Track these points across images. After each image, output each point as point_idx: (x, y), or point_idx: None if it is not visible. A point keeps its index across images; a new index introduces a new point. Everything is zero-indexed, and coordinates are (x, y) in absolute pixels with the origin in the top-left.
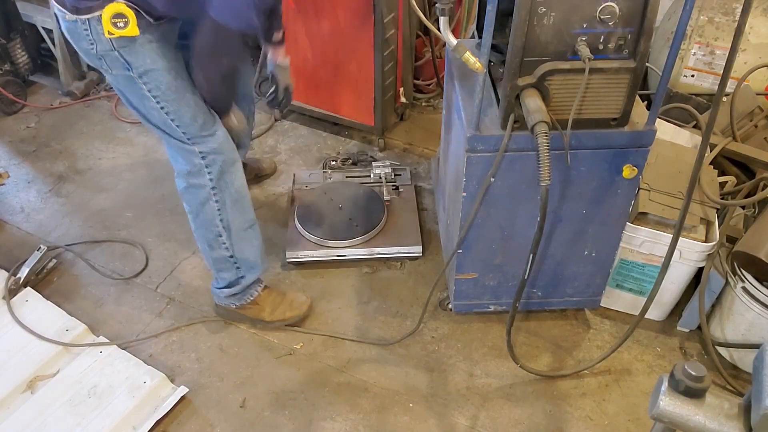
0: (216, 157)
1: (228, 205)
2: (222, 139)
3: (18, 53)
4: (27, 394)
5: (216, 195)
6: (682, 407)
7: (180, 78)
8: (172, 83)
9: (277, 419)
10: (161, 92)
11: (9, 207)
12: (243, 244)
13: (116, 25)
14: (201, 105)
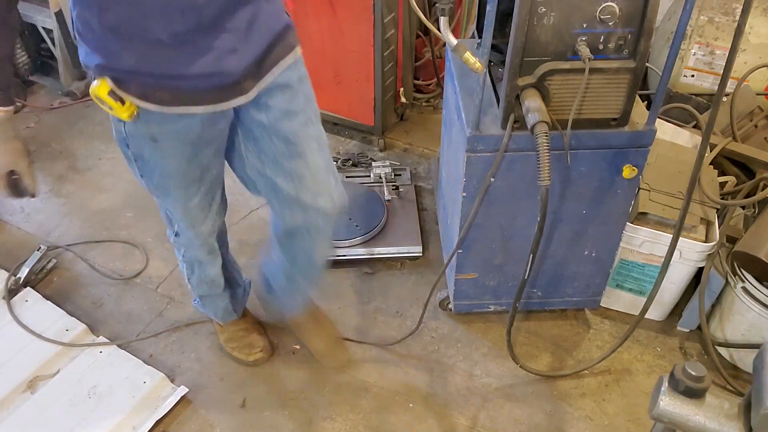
0: (187, 251)
1: (194, 282)
2: (196, 245)
3: (18, 53)
4: (27, 394)
5: (186, 270)
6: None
7: (183, 182)
8: (168, 184)
9: (277, 419)
10: (152, 183)
11: (9, 207)
12: (206, 301)
13: (102, 104)
14: (193, 209)
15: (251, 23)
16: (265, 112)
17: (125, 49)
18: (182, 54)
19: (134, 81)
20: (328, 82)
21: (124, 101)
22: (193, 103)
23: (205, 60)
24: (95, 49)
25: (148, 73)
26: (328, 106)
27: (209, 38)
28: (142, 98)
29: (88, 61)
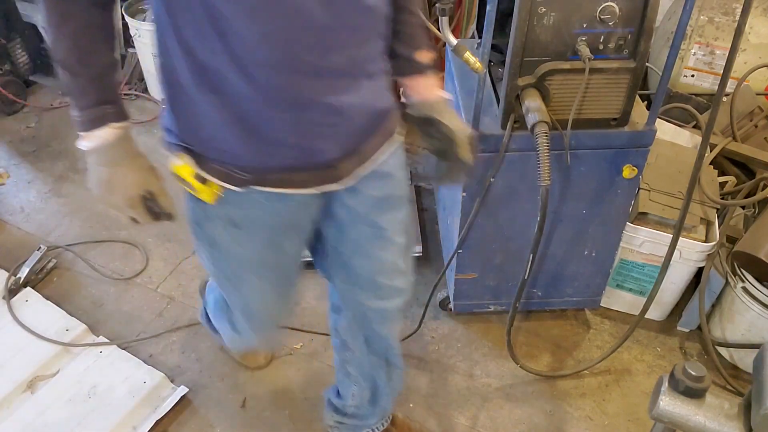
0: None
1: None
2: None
3: (18, 53)
4: (27, 394)
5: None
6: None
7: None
8: (242, 275)
9: (277, 419)
10: (224, 274)
11: (9, 207)
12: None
13: (181, 184)
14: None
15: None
16: (358, 199)
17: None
18: (277, 127)
19: (215, 158)
20: None
21: (206, 181)
22: (281, 185)
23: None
24: (173, 106)
25: (230, 149)
26: None
27: (307, 112)
28: (226, 179)
29: (167, 124)
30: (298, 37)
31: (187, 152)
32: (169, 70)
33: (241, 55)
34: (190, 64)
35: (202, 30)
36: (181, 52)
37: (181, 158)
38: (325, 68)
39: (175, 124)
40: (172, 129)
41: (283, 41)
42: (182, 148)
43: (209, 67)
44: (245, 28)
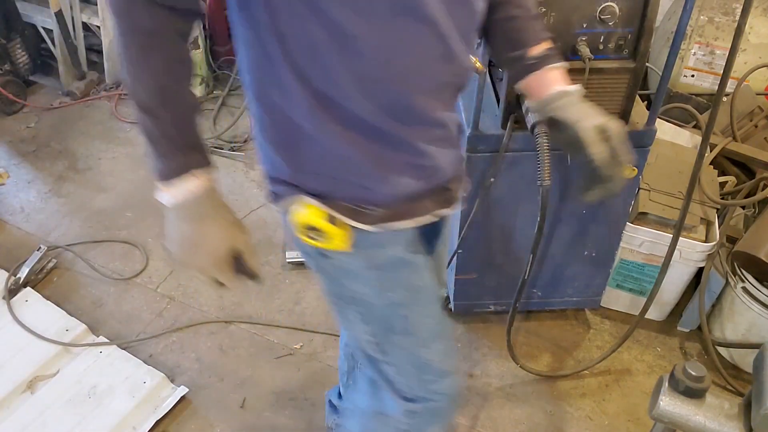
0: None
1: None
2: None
3: (18, 53)
4: (27, 395)
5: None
6: (682, 407)
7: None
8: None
9: (277, 419)
10: (381, 328)
11: (9, 207)
12: None
13: (309, 236)
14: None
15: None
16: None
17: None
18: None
19: (342, 193)
20: None
21: (336, 221)
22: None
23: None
24: (286, 149)
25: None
26: None
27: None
28: (357, 218)
29: (277, 172)
30: (426, 48)
31: (310, 195)
32: (276, 112)
33: (368, 74)
34: (308, 97)
35: (322, 54)
36: (296, 85)
37: (305, 203)
38: (442, 79)
39: (289, 168)
40: (283, 175)
41: (411, 53)
42: (302, 191)
43: (329, 95)
44: (373, 44)
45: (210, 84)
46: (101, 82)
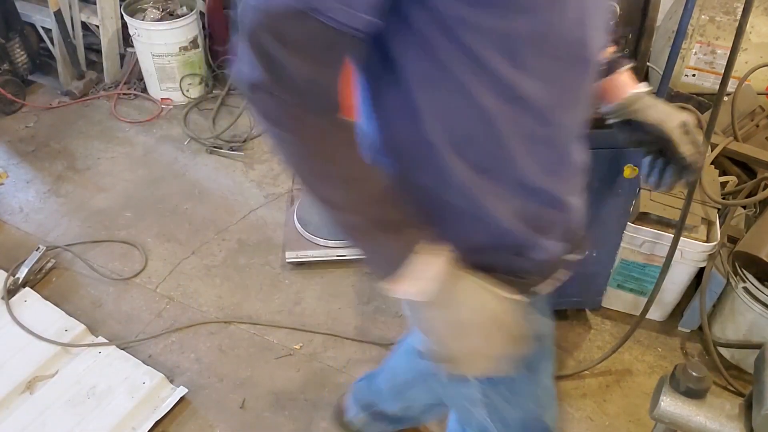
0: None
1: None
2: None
3: (17, 53)
4: (26, 395)
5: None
6: (683, 408)
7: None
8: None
9: (277, 419)
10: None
11: (8, 207)
12: None
13: None
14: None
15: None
16: None
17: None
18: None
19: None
20: None
21: None
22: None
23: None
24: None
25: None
26: None
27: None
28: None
29: None
30: (586, 92)
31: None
32: (421, 192)
33: (535, 133)
34: (466, 174)
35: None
36: (452, 165)
37: None
38: (586, 119)
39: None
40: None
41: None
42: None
43: (490, 167)
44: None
45: (209, 84)
46: (100, 82)
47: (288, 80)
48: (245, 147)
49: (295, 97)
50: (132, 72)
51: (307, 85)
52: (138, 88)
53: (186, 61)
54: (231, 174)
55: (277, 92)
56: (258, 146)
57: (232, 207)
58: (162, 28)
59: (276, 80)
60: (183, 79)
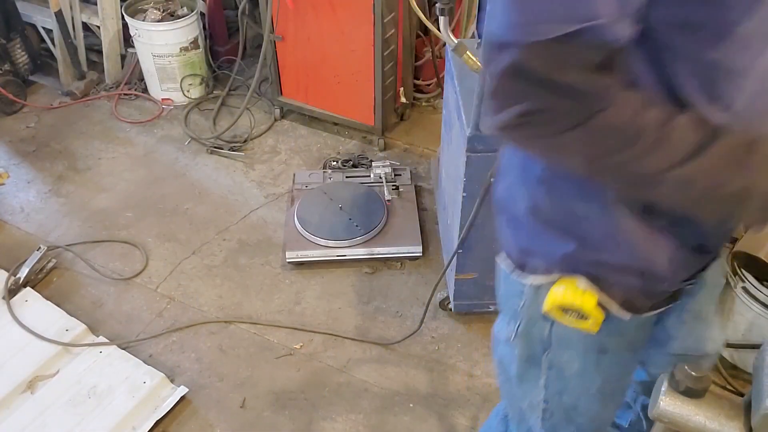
0: None
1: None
2: None
3: (18, 53)
4: (27, 395)
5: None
6: (682, 407)
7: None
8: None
9: (277, 419)
10: (558, 401)
11: (9, 207)
12: None
13: (565, 313)
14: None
15: None
16: None
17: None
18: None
19: (622, 283)
20: (328, 82)
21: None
22: (664, 305)
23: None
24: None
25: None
26: (328, 106)
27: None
28: (624, 306)
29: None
30: None
31: (581, 276)
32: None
33: None
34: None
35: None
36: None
37: (578, 285)
38: None
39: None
40: (552, 254)
41: None
42: (574, 273)
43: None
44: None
45: (210, 84)
46: (101, 82)
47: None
48: (245, 147)
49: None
50: (133, 72)
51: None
52: (139, 88)
53: (186, 61)
54: (231, 174)
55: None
56: (258, 146)
57: (232, 207)
58: (163, 28)
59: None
60: (184, 79)
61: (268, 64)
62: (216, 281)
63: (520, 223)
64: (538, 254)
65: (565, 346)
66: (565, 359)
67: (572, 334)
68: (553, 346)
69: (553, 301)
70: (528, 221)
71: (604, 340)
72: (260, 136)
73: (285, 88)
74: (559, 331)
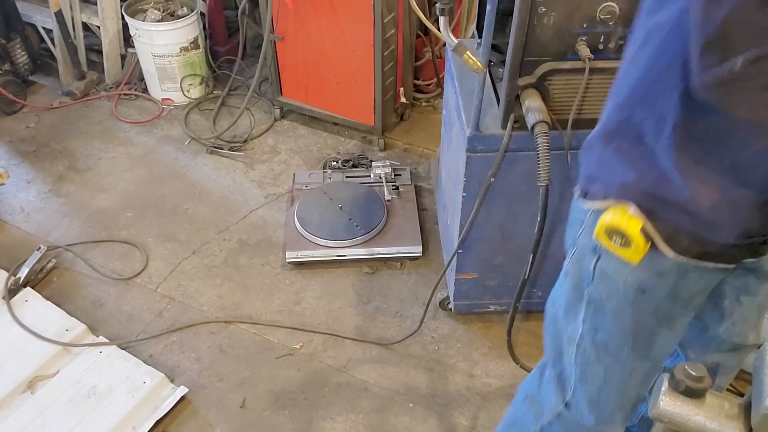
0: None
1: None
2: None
3: (18, 53)
4: (27, 395)
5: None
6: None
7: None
8: (627, 345)
9: (277, 419)
10: (592, 339)
11: (9, 207)
12: None
13: (611, 238)
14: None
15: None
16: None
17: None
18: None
19: (670, 218)
20: (328, 82)
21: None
22: (713, 259)
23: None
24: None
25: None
26: (328, 106)
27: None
28: (669, 242)
29: (611, 175)
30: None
31: (631, 202)
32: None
33: None
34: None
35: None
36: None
37: (630, 211)
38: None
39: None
40: (612, 181)
41: None
42: (625, 195)
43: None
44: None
45: (210, 84)
46: (101, 82)
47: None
48: (245, 147)
49: None
50: (133, 72)
51: None
52: (139, 88)
53: (187, 61)
54: (231, 174)
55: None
56: (258, 146)
57: (232, 207)
58: (163, 28)
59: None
60: (184, 79)
61: (268, 64)
62: (216, 281)
63: (593, 148)
64: (600, 180)
65: (606, 281)
66: (605, 295)
67: (614, 269)
68: (595, 280)
69: (601, 223)
70: (599, 147)
71: (645, 278)
72: (260, 136)
73: (285, 88)
74: (603, 265)
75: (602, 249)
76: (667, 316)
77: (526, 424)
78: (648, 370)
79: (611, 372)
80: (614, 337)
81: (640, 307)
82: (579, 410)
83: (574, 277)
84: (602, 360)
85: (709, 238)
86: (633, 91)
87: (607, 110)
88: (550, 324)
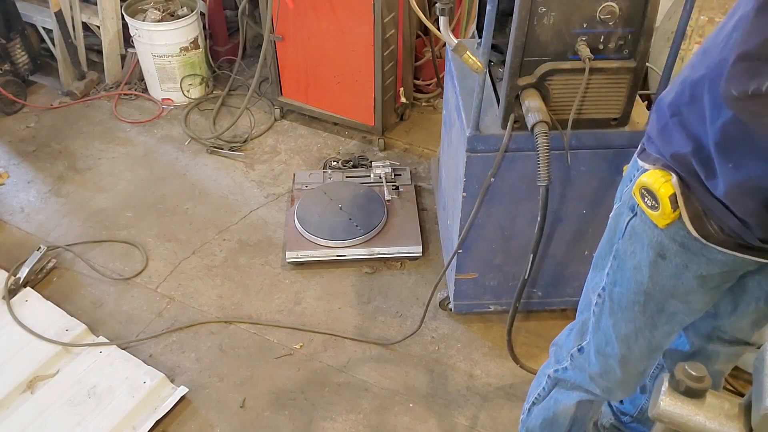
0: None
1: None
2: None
3: (18, 53)
4: (27, 394)
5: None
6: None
7: (654, 311)
8: (631, 304)
9: (277, 419)
10: (611, 291)
11: (9, 207)
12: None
13: (643, 197)
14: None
15: None
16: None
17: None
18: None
19: (703, 201)
20: (328, 82)
21: (658, 208)
22: (740, 250)
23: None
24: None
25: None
26: (328, 106)
27: None
28: (693, 222)
29: (668, 143)
30: None
31: (672, 173)
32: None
33: None
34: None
35: None
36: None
37: (667, 178)
38: None
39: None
40: (668, 150)
41: None
42: (674, 170)
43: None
44: None
45: (210, 84)
46: (101, 82)
47: None
48: (245, 147)
49: None
50: (133, 72)
51: None
52: (139, 88)
53: (187, 61)
54: (231, 174)
55: None
56: (258, 146)
57: (232, 207)
58: (163, 28)
59: None
60: (183, 79)
61: (268, 64)
62: (216, 281)
63: (662, 114)
64: (656, 144)
65: (633, 238)
66: (629, 251)
67: (642, 229)
68: (625, 235)
69: (639, 181)
70: (666, 114)
71: (668, 244)
72: (260, 136)
73: (285, 88)
74: (635, 223)
75: (639, 208)
76: (682, 287)
77: (546, 367)
78: (652, 339)
79: (618, 327)
80: (628, 293)
81: (658, 269)
82: (588, 356)
83: (610, 231)
84: (614, 313)
85: (737, 232)
86: (709, 72)
87: (680, 82)
88: (590, 272)
